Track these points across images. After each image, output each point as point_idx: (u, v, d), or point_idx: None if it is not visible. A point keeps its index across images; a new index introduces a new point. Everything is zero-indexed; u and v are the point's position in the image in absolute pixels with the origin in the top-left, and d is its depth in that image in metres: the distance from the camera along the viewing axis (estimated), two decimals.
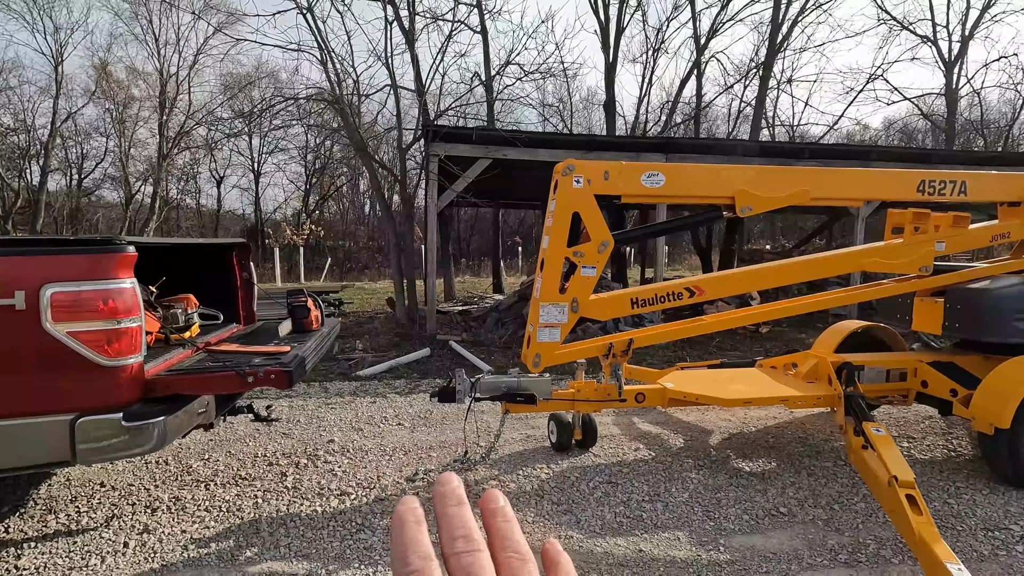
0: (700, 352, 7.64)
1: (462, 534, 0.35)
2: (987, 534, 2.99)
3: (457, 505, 0.37)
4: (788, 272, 3.94)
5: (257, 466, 3.73)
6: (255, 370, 2.53)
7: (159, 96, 21.87)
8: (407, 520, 0.35)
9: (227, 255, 3.95)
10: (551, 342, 3.52)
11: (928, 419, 4.82)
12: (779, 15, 14.77)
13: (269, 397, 5.15)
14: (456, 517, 0.36)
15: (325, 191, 29.88)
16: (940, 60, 19.98)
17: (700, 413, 4.89)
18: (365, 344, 7.91)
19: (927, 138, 26.49)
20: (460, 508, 0.37)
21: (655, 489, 3.46)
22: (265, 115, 12.12)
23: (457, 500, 0.37)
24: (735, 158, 9.22)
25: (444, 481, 0.39)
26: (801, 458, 3.96)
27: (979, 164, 10.01)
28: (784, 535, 2.98)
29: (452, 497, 0.37)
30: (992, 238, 4.14)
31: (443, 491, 0.38)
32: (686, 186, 3.66)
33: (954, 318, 3.95)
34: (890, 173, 4.10)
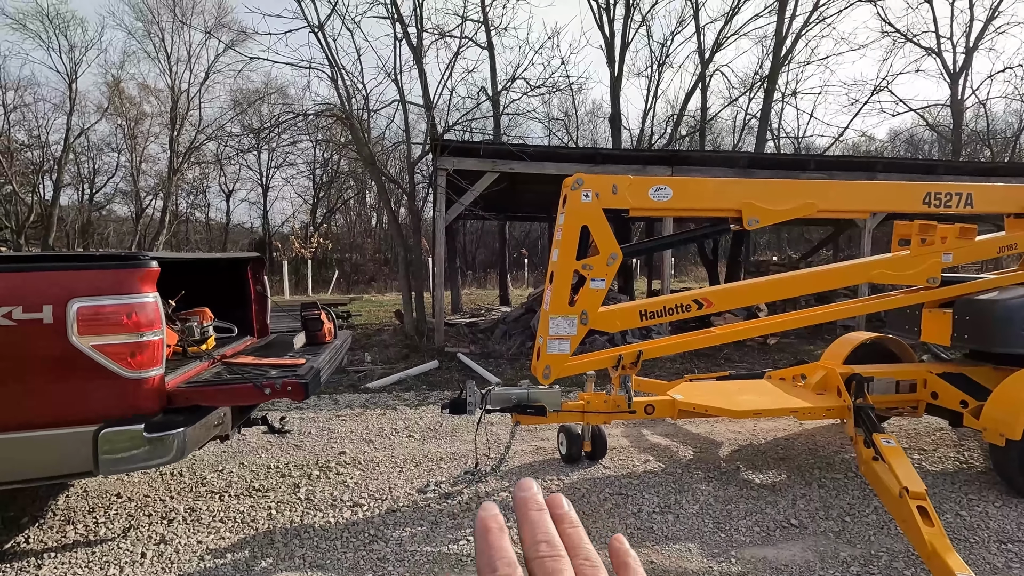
0: (708, 364, 7.64)
1: (544, 539, 0.36)
2: (1000, 547, 2.98)
3: (539, 510, 0.38)
4: (796, 284, 3.97)
5: (270, 477, 3.77)
6: (272, 382, 2.58)
7: (170, 112, 22.26)
8: (491, 527, 0.36)
9: (241, 269, 4.03)
10: (561, 354, 3.56)
11: (939, 431, 4.80)
12: (783, 29, 14.91)
13: (281, 409, 5.20)
14: (539, 522, 0.37)
15: (333, 204, 30.16)
16: (945, 72, 20.04)
17: (709, 425, 4.89)
18: (374, 356, 7.97)
19: (933, 149, 26.50)
20: (541, 514, 0.38)
21: (665, 501, 3.47)
22: (274, 130, 12.31)
23: (538, 506, 0.38)
24: (741, 170, 9.28)
25: (525, 487, 0.40)
26: (811, 470, 3.96)
27: (985, 175, 10.01)
28: (796, 547, 2.98)
29: (533, 503, 0.39)
30: (999, 249, 4.16)
31: (525, 497, 0.39)
32: (693, 199, 3.71)
33: (963, 329, 3.96)
34: (896, 186, 4.13)
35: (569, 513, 0.40)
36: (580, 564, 0.36)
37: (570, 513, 0.40)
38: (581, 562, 0.36)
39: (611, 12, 15.37)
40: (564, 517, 0.39)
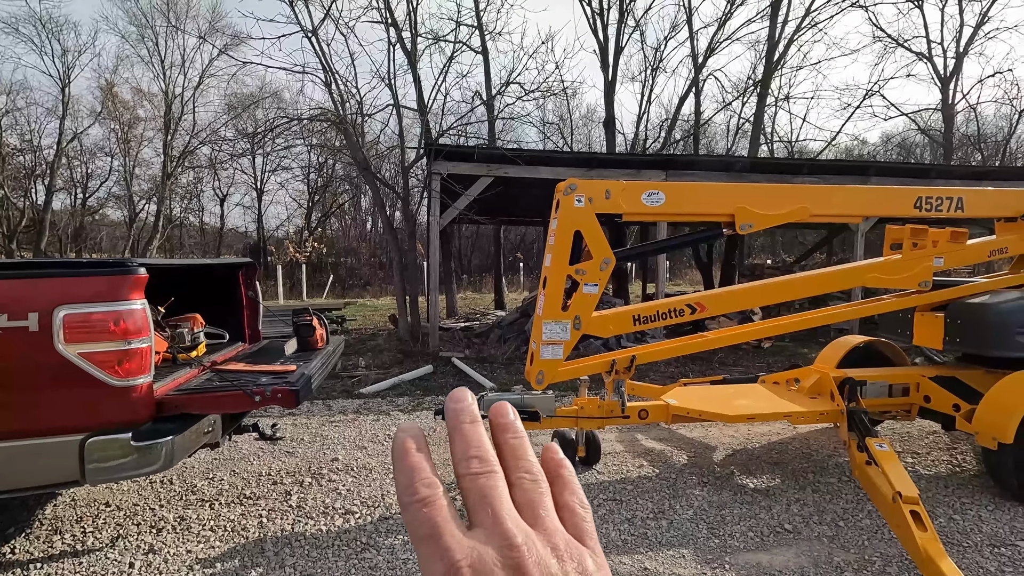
0: (703, 368, 7.64)
1: (476, 454, 0.33)
2: (993, 551, 2.98)
3: (471, 423, 0.34)
4: (789, 288, 3.97)
5: (261, 485, 3.73)
6: (262, 389, 2.56)
7: (164, 116, 22.18)
8: (408, 447, 0.33)
9: (233, 275, 4.00)
10: (554, 359, 3.54)
11: (932, 434, 4.81)
12: (775, 34, 15.01)
13: (273, 415, 5.16)
14: (471, 435, 0.34)
15: (327, 208, 30.10)
16: (936, 76, 20.22)
17: (703, 429, 4.88)
18: (368, 361, 7.93)
19: (925, 152, 26.70)
20: (474, 426, 0.34)
21: (659, 506, 3.46)
22: (268, 134, 12.27)
23: (471, 417, 0.35)
24: (734, 174, 9.31)
25: (458, 398, 0.36)
26: (805, 474, 3.96)
27: (976, 179, 10.08)
28: (790, 552, 2.97)
29: (466, 414, 0.35)
30: (990, 253, 4.18)
31: (457, 408, 0.35)
32: (686, 204, 3.71)
33: (955, 333, 3.97)
34: (888, 190, 4.15)
35: (514, 423, 0.36)
36: (519, 478, 0.33)
37: (515, 423, 0.36)
38: (521, 475, 0.33)
39: (605, 17, 15.44)
40: (507, 427, 0.36)
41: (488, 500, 0.31)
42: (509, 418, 0.36)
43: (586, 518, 0.35)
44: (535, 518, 0.32)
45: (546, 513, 0.33)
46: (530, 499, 0.33)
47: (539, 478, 0.34)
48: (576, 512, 0.35)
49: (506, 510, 0.31)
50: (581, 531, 0.34)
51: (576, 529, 0.34)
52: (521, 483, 0.33)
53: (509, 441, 0.35)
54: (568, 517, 0.34)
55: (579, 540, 0.33)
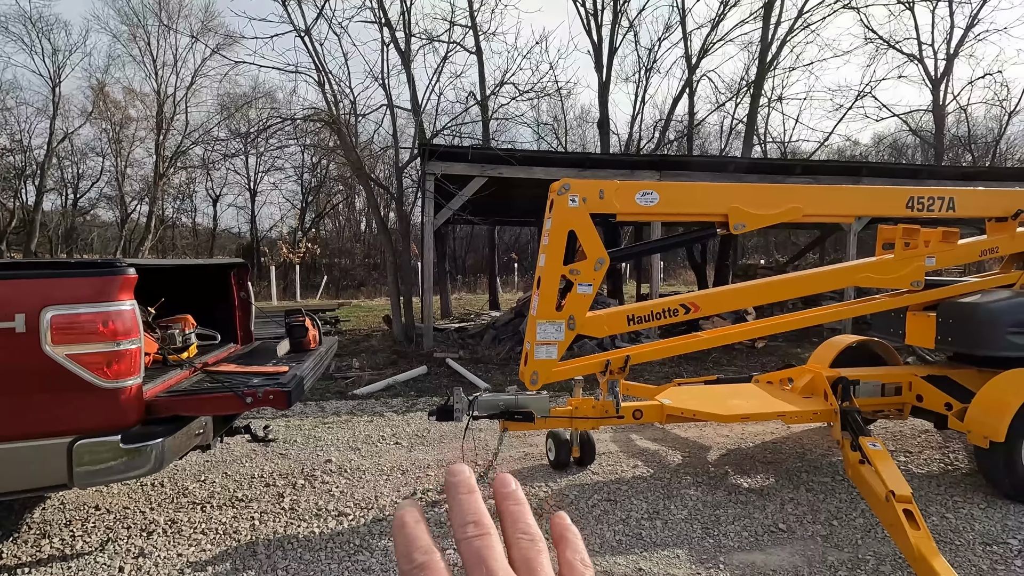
0: (697, 367, 7.66)
1: (472, 520, 0.35)
2: (986, 548, 2.99)
3: (468, 493, 0.37)
4: (782, 288, 3.98)
5: (254, 487, 3.70)
6: (254, 390, 2.53)
7: (156, 116, 22.05)
8: (406, 520, 0.35)
9: (225, 275, 3.97)
10: (548, 359, 3.53)
11: (924, 433, 4.83)
12: (768, 35, 15.08)
13: (266, 417, 5.13)
14: (467, 504, 0.36)
15: (321, 209, 30.00)
16: (927, 78, 20.38)
17: (698, 429, 4.89)
18: (362, 362, 7.90)
19: (916, 153, 26.90)
20: (470, 496, 0.37)
21: (654, 506, 3.46)
22: (261, 135, 12.21)
23: (467, 488, 0.37)
24: (728, 175, 9.35)
25: (455, 472, 0.39)
26: (799, 473, 3.97)
27: (967, 179, 10.16)
28: (784, 552, 2.97)
29: (463, 486, 0.37)
30: (981, 253, 4.21)
31: (454, 481, 0.38)
32: (680, 204, 3.72)
33: (947, 332, 3.99)
34: (880, 190, 4.17)
35: (515, 492, 0.38)
36: (518, 538, 0.35)
37: (516, 492, 0.38)
38: (519, 536, 0.35)
39: (599, 17, 15.46)
40: (509, 496, 0.38)
41: (483, 559, 0.33)
42: (511, 488, 0.39)
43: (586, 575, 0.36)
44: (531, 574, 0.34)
45: (542, 569, 0.34)
46: (527, 557, 0.34)
47: (536, 538, 0.36)
48: (576, 569, 0.36)
49: (500, 567, 0.33)
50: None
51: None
52: (519, 543, 0.35)
53: (510, 508, 0.37)
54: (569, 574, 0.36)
55: None
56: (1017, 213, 4.12)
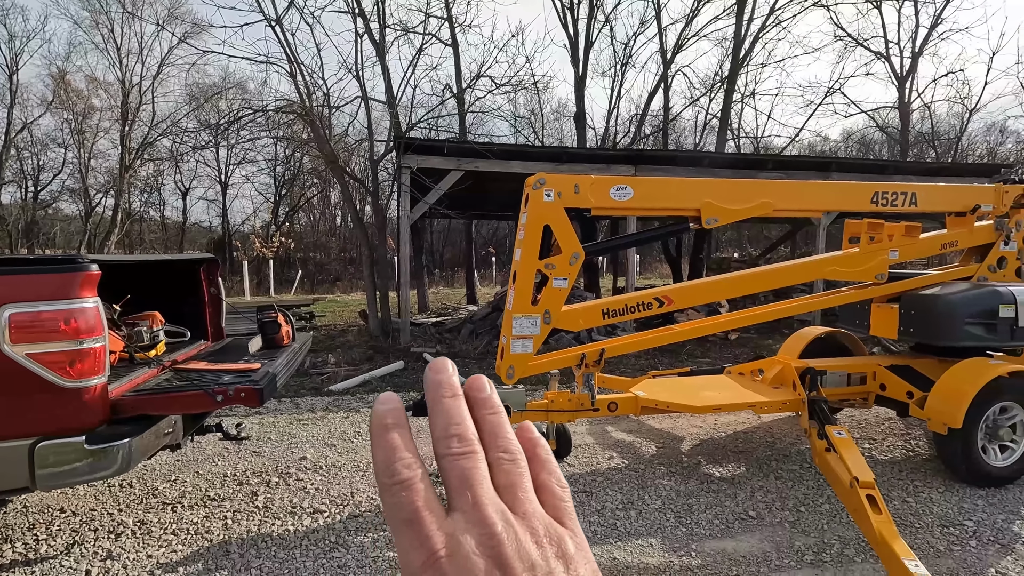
0: (672, 360, 7.78)
1: (457, 432, 0.32)
2: (943, 530, 3.12)
3: (452, 396, 0.33)
4: (753, 281, 4.07)
5: (226, 486, 3.64)
6: (224, 388, 2.49)
7: (121, 106, 21.33)
8: (387, 423, 0.32)
9: (194, 271, 3.88)
10: (524, 353, 3.55)
11: (888, 420, 5.00)
12: (741, 31, 15.28)
13: (238, 415, 5.05)
14: (452, 411, 0.33)
15: (295, 203, 29.49)
16: (893, 75, 20.90)
17: (672, 420, 4.97)
18: (337, 358, 7.82)
19: (883, 149, 27.61)
20: (455, 400, 0.33)
21: (629, 497, 3.51)
22: (232, 126, 11.93)
23: (452, 391, 0.33)
24: (702, 169, 9.47)
25: (439, 368, 0.34)
26: (769, 462, 4.07)
27: (931, 175, 10.48)
28: (753, 538, 3.05)
29: (447, 387, 0.34)
30: (942, 246, 4.35)
31: (438, 379, 0.34)
32: (654, 199, 3.76)
33: (909, 323, 4.13)
34: (846, 186, 4.28)
35: (491, 397, 0.35)
36: (498, 458, 0.32)
37: (492, 397, 0.35)
38: (499, 455, 0.32)
39: (575, 11, 15.46)
40: (484, 402, 0.34)
41: (468, 484, 0.30)
42: (486, 392, 0.35)
43: (564, 498, 0.34)
44: (515, 500, 0.31)
45: (525, 495, 0.32)
46: (510, 481, 0.32)
47: (518, 457, 0.33)
48: (555, 492, 0.34)
49: (487, 495, 0.30)
50: (560, 512, 0.33)
51: (555, 510, 0.33)
52: (500, 463, 0.32)
53: (487, 417, 0.34)
54: (547, 498, 0.33)
55: (558, 521, 0.32)
56: (975, 208, 4.27)
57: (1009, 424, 3.68)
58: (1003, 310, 3.85)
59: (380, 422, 0.32)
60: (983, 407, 3.57)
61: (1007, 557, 2.86)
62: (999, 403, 3.63)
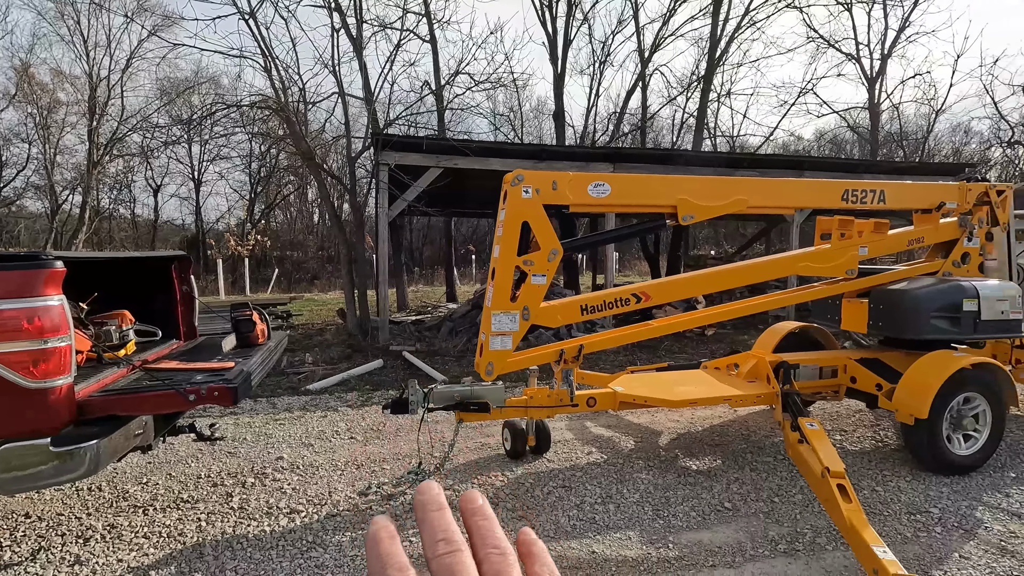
0: (650, 356, 7.86)
1: (443, 537, 0.35)
2: (910, 518, 3.22)
3: (438, 510, 0.37)
4: (728, 277, 4.13)
5: (200, 488, 3.58)
6: (197, 387, 2.44)
7: (88, 101, 20.69)
8: (380, 536, 0.35)
9: (166, 269, 3.79)
10: (503, 350, 3.55)
11: (858, 412, 5.13)
12: (717, 31, 15.50)
13: (213, 415, 4.95)
14: (437, 521, 0.36)
15: (272, 200, 29.00)
16: (863, 76, 21.41)
17: (650, 415, 5.03)
18: (315, 357, 7.72)
19: (855, 148, 28.25)
20: (440, 513, 0.37)
21: (607, 491, 3.54)
22: (205, 122, 11.68)
23: (437, 505, 0.38)
24: (679, 167, 9.58)
25: (424, 490, 0.39)
26: (744, 454, 4.15)
27: (900, 174, 10.77)
28: (729, 529, 3.11)
29: (433, 503, 0.38)
30: (909, 242, 4.48)
31: (423, 499, 0.38)
32: (631, 196, 3.79)
33: (878, 317, 4.24)
34: (818, 183, 4.37)
35: (483, 507, 0.39)
36: (488, 553, 0.35)
37: (484, 507, 0.39)
38: (489, 551, 0.35)
39: (553, 9, 15.49)
40: (477, 511, 0.39)
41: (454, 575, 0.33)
42: (478, 503, 0.39)
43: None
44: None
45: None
46: (496, 571, 0.34)
47: (507, 552, 0.36)
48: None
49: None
50: None
51: None
52: (489, 558, 0.35)
53: (478, 523, 0.38)
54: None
55: None
56: (940, 205, 4.41)
57: (972, 414, 3.81)
58: (966, 304, 3.98)
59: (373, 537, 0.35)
60: (948, 398, 3.69)
61: (970, 542, 2.96)
62: (963, 394, 3.76)
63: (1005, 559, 2.80)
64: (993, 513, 3.25)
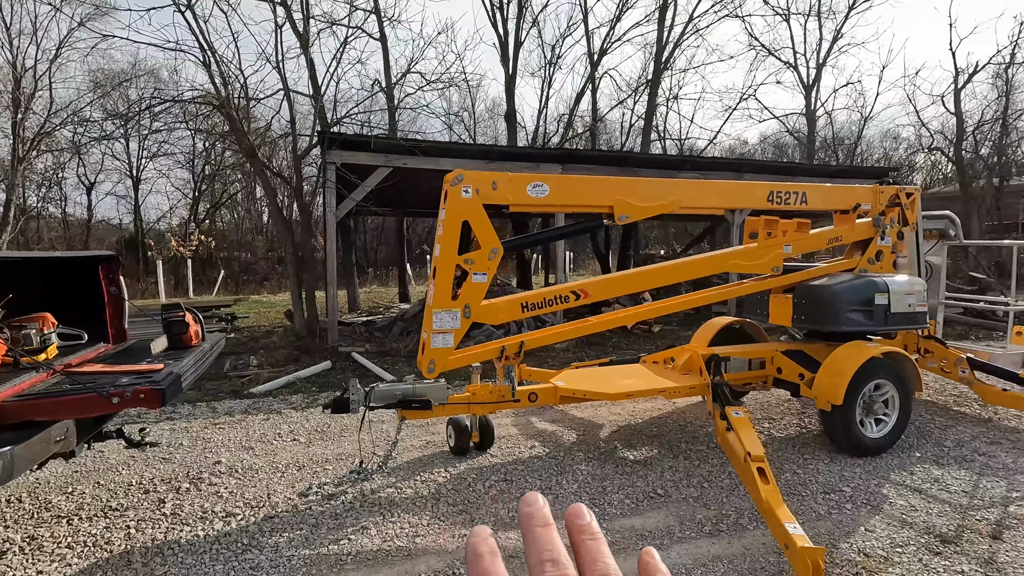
0: (599, 352, 8.06)
1: (550, 558, 0.33)
2: (825, 496, 3.46)
3: (543, 526, 0.35)
4: (661, 274, 4.31)
5: (131, 495, 3.47)
6: (121, 390, 2.38)
7: (12, 92, 19.38)
8: (481, 552, 0.34)
9: (92, 270, 3.65)
10: (445, 348, 3.60)
11: (787, 401, 5.44)
12: (663, 37, 15.98)
13: (147, 420, 4.78)
14: (543, 539, 0.34)
15: (217, 199, 27.95)
16: (801, 84, 22.52)
17: (593, 409, 5.18)
18: (260, 360, 7.54)
19: (796, 152, 29.64)
20: (547, 530, 0.35)
21: (547, 483, 3.65)
22: (141, 116, 11.18)
23: (543, 521, 0.35)
24: (626, 169, 9.84)
25: (530, 501, 0.37)
26: (679, 443, 4.34)
27: (834, 177, 11.38)
28: (660, 514, 3.26)
29: (538, 518, 0.35)
30: (829, 241, 4.78)
31: (529, 512, 0.36)
32: (569, 196, 3.91)
33: (801, 311, 4.51)
34: (745, 185, 4.62)
35: (591, 524, 0.37)
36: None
37: (592, 524, 0.37)
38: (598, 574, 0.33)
39: (504, 11, 15.62)
40: (584, 528, 0.36)
41: None
42: (586, 519, 0.37)
43: None
44: None
45: None
46: None
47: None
48: None
49: None
50: None
51: None
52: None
53: (586, 542, 0.35)
54: None
55: None
56: (856, 207, 4.73)
57: (882, 399, 4.12)
58: (878, 298, 4.29)
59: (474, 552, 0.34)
60: (860, 385, 3.97)
61: (875, 517, 3.21)
62: (874, 381, 4.06)
63: (904, 530, 3.06)
64: (898, 490, 3.53)
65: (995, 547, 2.89)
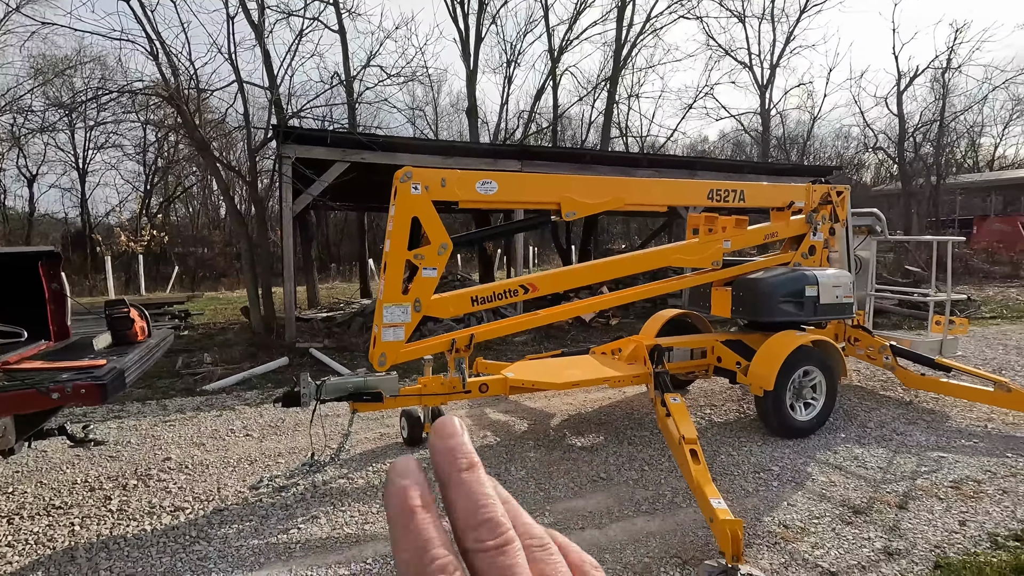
0: (557, 344, 8.22)
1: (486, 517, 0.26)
2: (755, 475, 3.70)
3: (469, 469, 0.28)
4: (608, 268, 4.50)
5: (76, 493, 3.43)
6: (61, 386, 2.39)
7: None
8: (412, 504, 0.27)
9: (31, 266, 3.57)
10: (396, 341, 3.69)
11: (730, 389, 5.72)
12: (622, 35, 16.27)
13: (93, 419, 4.70)
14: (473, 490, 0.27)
15: (171, 192, 27.01)
16: (755, 83, 23.27)
17: (545, 399, 5.34)
18: (215, 357, 7.42)
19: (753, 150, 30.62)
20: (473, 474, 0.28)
21: (496, 470, 3.78)
22: (87, 106, 10.77)
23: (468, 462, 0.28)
24: (584, 166, 10.04)
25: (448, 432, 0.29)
26: (625, 430, 4.54)
27: (784, 175, 11.84)
28: (601, 496, 3.43)
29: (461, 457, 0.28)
30: (766, 236, 5.06)
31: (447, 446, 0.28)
32: (517, 193, 4.04)
33: (739, 303, 4.77)
34: (686, 183, 4.84)
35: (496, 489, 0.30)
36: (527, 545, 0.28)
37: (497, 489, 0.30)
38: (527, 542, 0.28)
39: (465, 6, 15.63)
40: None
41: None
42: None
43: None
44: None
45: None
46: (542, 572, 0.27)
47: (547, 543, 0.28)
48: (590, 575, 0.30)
49: None
50: None
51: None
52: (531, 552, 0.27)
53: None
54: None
55: None
56: (790, 204, 5.02)
57: (811, 384, 4.41)
58: (808, 290, 4.58)
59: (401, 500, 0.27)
60: (790, 371, 4.24)
61: (798, 492, 3.46)
62: (803, 367, 4.33)
63: (822, 503, 3.32)
64: (821, 468, 3.81)
65: (900, 516, 3.17)
